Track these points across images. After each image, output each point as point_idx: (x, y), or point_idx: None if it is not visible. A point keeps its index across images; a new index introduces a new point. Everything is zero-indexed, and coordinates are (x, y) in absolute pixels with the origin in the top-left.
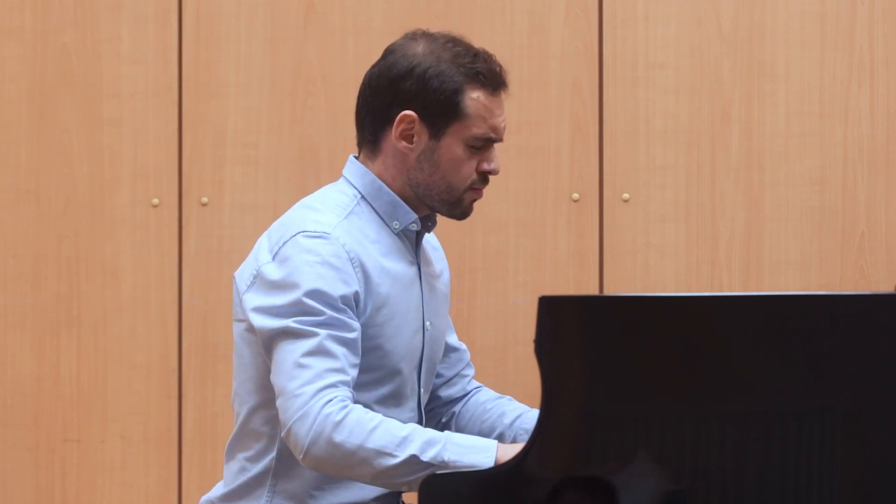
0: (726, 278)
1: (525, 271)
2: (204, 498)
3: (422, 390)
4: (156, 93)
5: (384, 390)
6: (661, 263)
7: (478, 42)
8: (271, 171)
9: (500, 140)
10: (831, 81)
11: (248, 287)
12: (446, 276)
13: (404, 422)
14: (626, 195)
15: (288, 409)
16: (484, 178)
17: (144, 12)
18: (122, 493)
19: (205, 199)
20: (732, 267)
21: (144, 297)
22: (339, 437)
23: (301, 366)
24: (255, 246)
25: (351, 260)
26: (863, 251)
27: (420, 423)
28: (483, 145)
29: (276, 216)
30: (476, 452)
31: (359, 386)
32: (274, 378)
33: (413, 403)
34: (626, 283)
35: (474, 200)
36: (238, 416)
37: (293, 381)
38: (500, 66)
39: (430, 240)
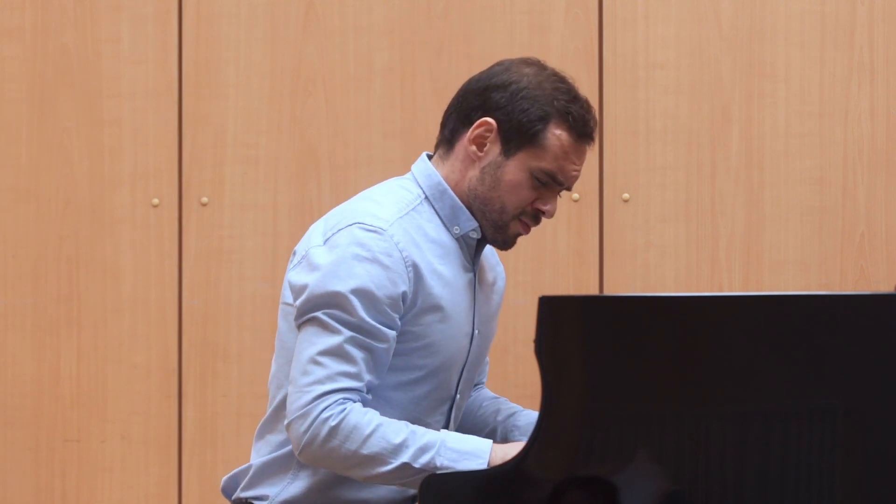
0: (726, 278)
1: (525, 271)
2: (226, 477)
3: (458, 396)
4: (156, 93)
5: (421, 391)
6: (661, 263)
7: (478, 42)
8: (271, 171)
9: (566, 187)
10: (831, 81)
11: (294, 266)
12: (500, 284)
13: (432, 424)
14: (626, 195)
15: (292, 404)
16: (536, 215)
17: (144, 12)
18: (122, 493)
19: (205, 199)
20: (732, 267)
21: (144, 297)
22: (333, 443)
23: (316, 362)
24: (310, 230)
25: (403, 259)
26: (863, 251)
27: (447, 427)
28: (547, 182)
29: (276, 216)
30: (470, 458)
31: (397, 385)
32: (293, 362)
33: (445, 407)
34: (626, 283)
35: (519, 234)
36: (273, 400)
37: (305, 376)
38: (595, 121)
39: (489, 248)
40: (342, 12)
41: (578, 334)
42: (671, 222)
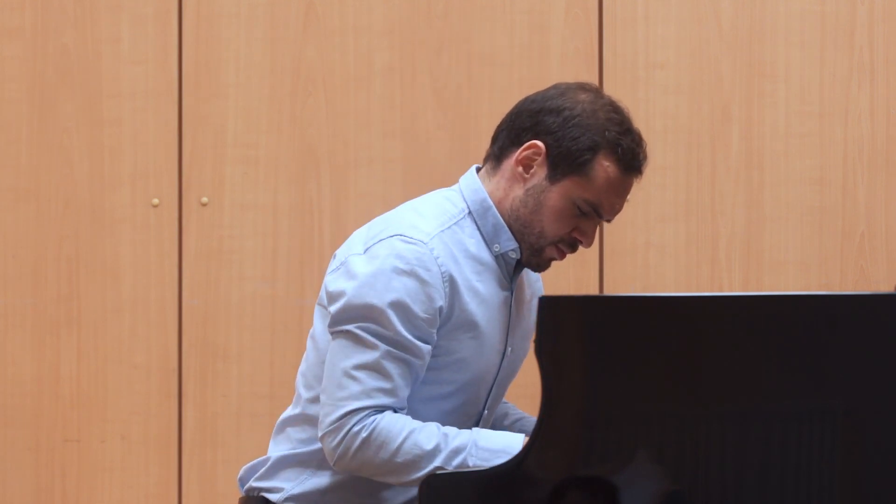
0: (726, 278)
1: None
2: (244, 468)
3: (486, 412)
4: (156, 93)
5: (450, 405)
6: (661, 263)
7: (478, 42)
8: (271, 171)
9: (606, 219)
10: (831, 81)
11: (333, 271)
12: (536, 302)
13: None
14: None
15: (325, 416)
16: (573, 243)
17: (144, 12)
18: (122, 493)
19: (205, 199)
20: (732, 267)
21: (144, 297)
22: (367, 454)
23: (351, 377)
24: (352, 236)
25: (441, 273)
26: (863, 251)
27: None
28: (588, 212)
29: (276, 216)
30: (502, 455)
31: (426, 399)
32: (325, 371)
33: (472, 423)
34: (626, 283)
35: (553, 259)
36: (299, 397)
37: (340, 389)
38: (644, 154)
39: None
40: (342, 12)
41: (578, 334)
42: (671, 222)
